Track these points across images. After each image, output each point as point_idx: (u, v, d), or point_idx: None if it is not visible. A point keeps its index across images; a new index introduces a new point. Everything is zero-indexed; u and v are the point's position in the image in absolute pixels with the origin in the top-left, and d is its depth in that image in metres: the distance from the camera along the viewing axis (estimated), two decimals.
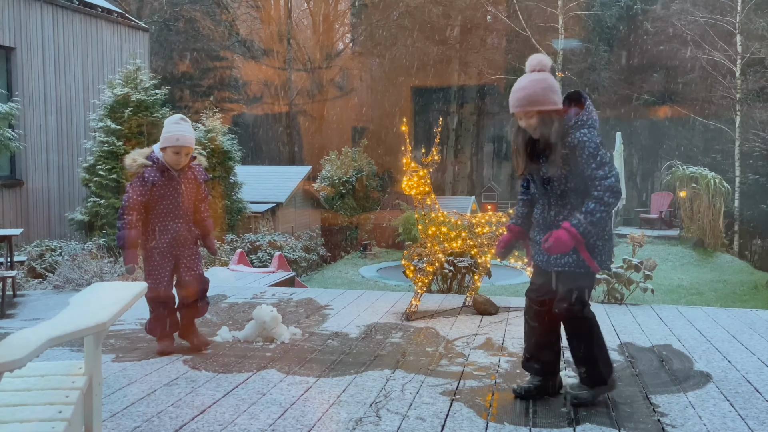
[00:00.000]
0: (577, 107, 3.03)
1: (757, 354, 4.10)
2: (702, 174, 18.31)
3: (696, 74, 25.98)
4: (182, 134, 3.89)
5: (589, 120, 2.94)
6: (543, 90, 2.95)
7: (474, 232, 5.26)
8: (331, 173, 23.16)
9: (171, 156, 3.92)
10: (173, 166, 3.95)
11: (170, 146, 3.89)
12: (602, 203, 2.85)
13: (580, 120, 2.94)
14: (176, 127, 3.92)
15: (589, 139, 2.88)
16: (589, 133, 2.89)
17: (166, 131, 3.92)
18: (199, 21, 29.52)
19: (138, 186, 3.88)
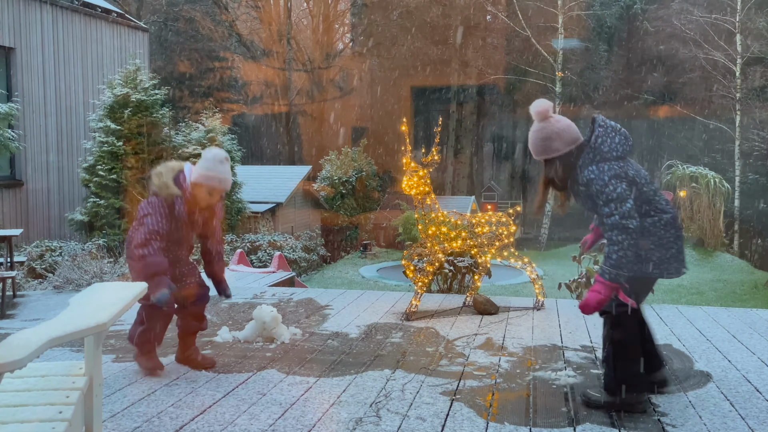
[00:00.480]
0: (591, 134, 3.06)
1: (758, 353, 4.10)
2: (702, 173, 18.32)
3: (696, 74, 26.00)
4: (225, 177, 3.54)
5: (597, 155, 2.96)
6: (542, 141, 3.07)
7: (474, 232, 5.26)
8: (331, 173, 23.18)
9: (204, 194, 3.55)
10: (200, 203, 3.59)
11: (208, 185, 3.52)
12: (612, 242, 2.87)
13: (587, 158, 2.97)
14: (221, 167, 3.53)
15: (595, 177, 2.91)
16: (597, 169, 2.92)
17: (208, 168, 3.51)
18: (199, 21, 29.54)
19: (164, 214, 3.47)
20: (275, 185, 19.76)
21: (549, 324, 4.93)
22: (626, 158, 3.00)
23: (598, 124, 3.05)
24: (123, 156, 11.15)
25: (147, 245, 3.35)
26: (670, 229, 2.96)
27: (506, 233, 5.38)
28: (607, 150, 2.96)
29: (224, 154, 3.61)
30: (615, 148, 2.97)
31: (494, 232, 5.31)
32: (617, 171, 2.90)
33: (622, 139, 3.00)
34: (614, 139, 2.98)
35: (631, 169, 2.97)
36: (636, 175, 2.95)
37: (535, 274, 5.59)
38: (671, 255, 2.96)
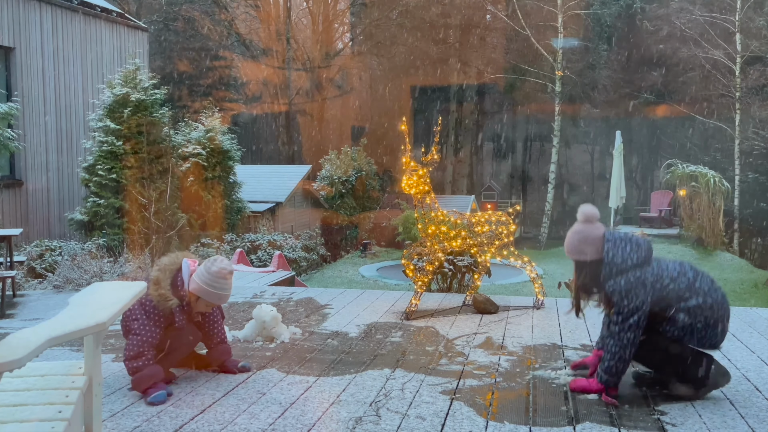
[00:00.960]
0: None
1: (757, 352, 4.10)
2: (702, 172, 18.31)
3: (695, 72, 25.99)
4: (226, 294, 3.41)
5: (614, 268, 3.12)
6: (578, 242, 3.23)
7: (474, 231, 5.26)
8: (331, 173, 23.17)
9: (202, 306, 3.44)
10: (197, 311, 3.49)
11: (206, 300, 3.40)
12: (608, 350, 3.13)
13: (606, 272, 3.13)
14: (223, 284, 3.38)
15: (614, 290, 3.10)
16: (614, 283, 3.09)
17: (209, 284, 3.35)
18: (198, 20, 29.52)
19: (160, 324, 3.31)
20: (275, 185, 19.75)
21: (549, 323, 4.93)
22: (644, 265, 3.11)
23: (606, 238, 3.18)
24: (123, 155, 11.15)
25: (140, 357, 3.22)
26: (717, 311, 3.09)
27: (506, 232, 5.38)
28: (621, 262, 3.10)
29: (228, 269, 3.41)
30: (629, 257, 3.11)
31: (494, 231, 5.31)
32: (633, 282, 3.05)
33: (634, 246, 3.15)
34: (625, 250, 3.13)
35: (651, 275, 3.09)
36: (657, 280, 3.08)
37: (535, 273, 5.59)
38: (718, 332, 3.12)
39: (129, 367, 3.26)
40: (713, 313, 3.08)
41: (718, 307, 3.10)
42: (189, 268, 3.43)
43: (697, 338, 3.10)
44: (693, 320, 3.07)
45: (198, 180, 13.51)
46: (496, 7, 29.15)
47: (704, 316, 3.07)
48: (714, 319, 3.09)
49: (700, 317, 3.07)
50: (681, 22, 24.53)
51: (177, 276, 3.39)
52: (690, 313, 3.08)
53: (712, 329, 3.09)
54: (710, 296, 3.10)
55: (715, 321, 3.09)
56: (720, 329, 3.12)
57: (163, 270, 3.37)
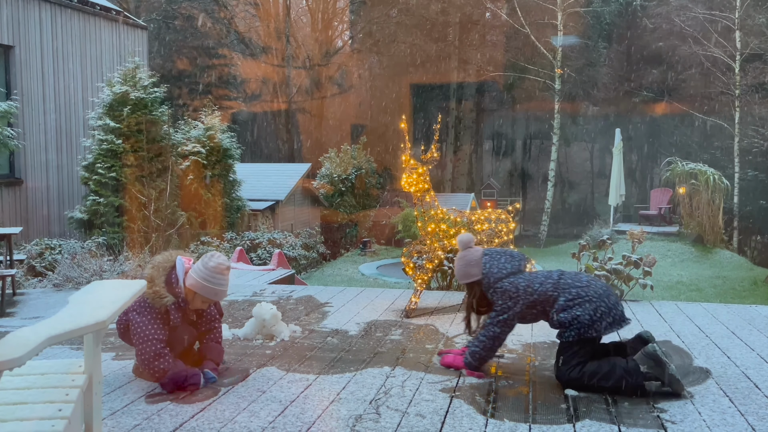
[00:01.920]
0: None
1: (757, 350, 4.11)
2: (701, 170, 18.29)
3: (695, 70, 25.97)
4: (222, 290, 3.41)
5: (491, 278, 3.54)
6: (464, 267, 3.66)
7: (473, 229, 5.26)
8: (331, 171, 23.17)
9: (197, 302, 3.43)
10: (193, 308, 3.48)
11: (202, 296, 3.39)
12: (479, 338, 3.55)
13: (486, 284, 3.57)
14: (220, 279, 3.37)
15: (493, 296, 3.54)
16: (494, 291, 3.53)
17: (206, 279, 3.34)
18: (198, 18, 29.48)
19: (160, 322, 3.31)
20: (274, 183, 19.75)
21: None
22: (517, 273, 3.54)
23: (485, 253, 3.66)
24: (122, 154, 11.14)
25: (160, 357, 3.24)
26: (588, 293, 3.37)
27: (506, 230, 5.38)
28: (497, 271, 3.54)
29: (226, 265, 3.40)
30: (504, 267, 3.55)
31: (494, 229, 5.32)
32: (508, 288, 3.48)
33: (508, 258, 3.61)
34: (500, 261, 3.59)
35: (523, 281, 3.49)
36: (528, 284, 3.47)
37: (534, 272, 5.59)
38: (601, 315, 3.32)
39: (153, 371, 3.25)
40: (588, 299, 3.33)
41: (588, 288, 3.39)
42: (183, 265, 3.42)
43: (595, 327, 3.29)
44: (575, 314, 3.31)
45: (197, 178, 13.51)
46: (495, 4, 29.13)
47: (582, 306, 3.32)
48: (591, 301, 3.33)
49: (578, 308, 3.32)
50: (681, 20, 24.51)
51: (171, 273, 3.38)
52: (567, 310, 3.35)
53: (598, 311, 3.31)
54: (574, 287, 3.40)
55: (594, 303, 3.32)
56: (604, 309, 3.32)
57: (157, 268, 3.37)
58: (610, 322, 3.33)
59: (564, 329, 3.36)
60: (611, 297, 3.40)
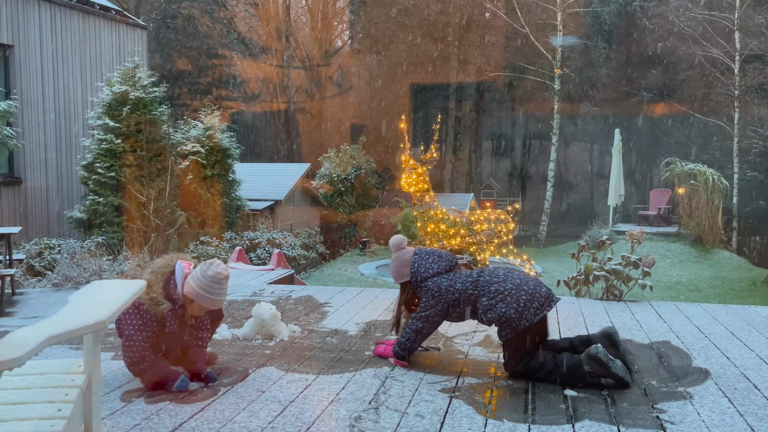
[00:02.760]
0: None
1: (756, 350, 4.11)
2: (700, 171, 18.30)
3: (694, 71, 25.98)
4: (220, 299, 3.36)
5: (419, 276, 3.70)
6: (397, 267, 3.82)
7: (473, 230, 5.27)
8: (330, 171, 23.16)
9: (196, 310, 3.39)
10: (191, 314, 3.44)
11: (200, 304, 3.34)
12: (407, 331, 3.71)
13: (415, 282, 3.73)
14: (218, 289, 3.32)
15: (421, 293, 3.71)
16: (420, 290, 3.70)
17: (204, 288, 3.28)
18: (198, 18, 29.47)
19: (154, 328, 3.31)
20: (274, 183, 19.74)
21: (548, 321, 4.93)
22: (442, 273, 3.67)
23: (414, 252, 3.80)
24: (122, 153, 11.13)
25: (142, 361, 3.25)
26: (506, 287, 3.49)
27: (505, 230, 5.39)
28: (423, 271, 3.69)
29: (225, 273, 3.34)
30: (431, 267, 3.70)
31: (493, 230, 5.32)
32: (431, 286, 3.63)
33: (435, 258, 3.74)
34: (428, 261, 3.73)
35: (446, 281, 3.62)
36: (450, 284, 3.61)
37: (534, 272, 5.60)
38: (524, 303, 3.43)
39: (135, 372, 3.30)
40: (507, 292, 3.46)
41: (504, 282, 3.50)
42: (183, 270, 3.37)
43: (525, 317, 3.41)
44: (501, 311, 3.43)
45: (197, 178, 13.51)
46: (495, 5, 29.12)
47: (504, 302, 3.44)
48: (511, 294, 3.45)
49: (501, 305, 3.44)
50: (680, 20, 24.52)
51: (170, 279, 3.35)
52: (492, 309, 3.47)
53: (521, 301, 3.42)
54: (493, 284, 3.52)
55: (514, 295, 3.44)
56: (526, 297, 3.44)
57: (155, 273, 3.34)
58: (537, 306, 3.44)
59: (498, 328, 3.49)
60: (529, 283, 3.51)
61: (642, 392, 3.30)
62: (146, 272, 3.39)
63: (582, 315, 5.16)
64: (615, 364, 3.32)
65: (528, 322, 3.41)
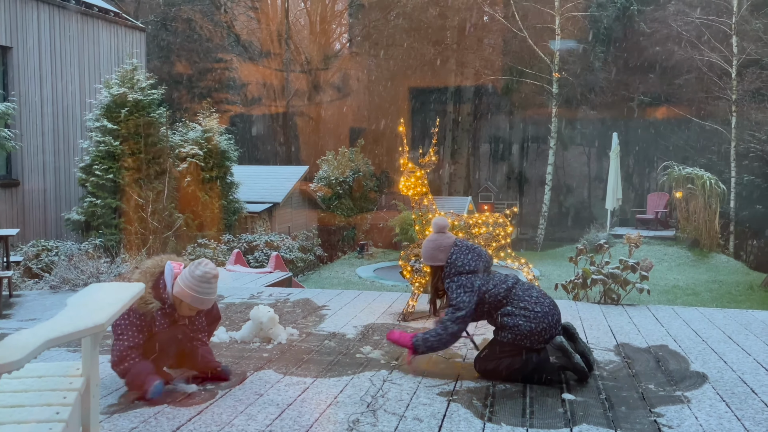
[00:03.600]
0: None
1: (753, 354, 4.12)
2: (698, 175, 18.34)
3: (692, 75, 26.04)
4: (209, 299, 3.34)
5: (453, 269, 3.69)
6: (432, 249, 3.80)
7: (471, 233, 5.27)
8: (328, 173, 23.16)
9: (186, 310, 3.37)
10: (181, 314, 3.42)
11: (189, 304, 3.33)
12: (437, 331, 3.57)
13: (447, 272, 3.72)
14: (207, 288, 3.30)
15: (450, 287, 3.67)
16: (451, 281, 3.67)
17: (192, 288, 3.27)
18: (197, 21, 29.48)
19: (140, 328, 3.31)
20: (272, 185, 19.73)
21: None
22: (477, 272, 3.65)
23: (455, 244, 3.78)
24: (120, 156, 11.12)
25: (124, 360, 3.25)
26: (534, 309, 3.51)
27: (503, 234, 5.39)
28: (460, 265, 3.67)
29: (213, 273, 3.30)
30: (468, 263, 3.67)
31: (491, 233, 5.32)
32: (464, 282, 3.61)
33: (475, 255, 3.71)
34: (467, 256, 3.70)
35: (480, 280, 3.62)
36: (483, 284, 3.61)
37: (532, 275, 5.60)
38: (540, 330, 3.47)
39: (117, 371, 3.30)
40: (533, 315, 3.48)
41: (536, 304, 3.52)
42: (172, 271, 3.38)
43: (531, 340, 3.46)
44: (518, 322, 3.47)
45: (195, 180, 13.50)
46: (493, 8, 29.17)
47: (526, 318, 3.47)
48: (537, 319, 3.47)
49: (521, 318, 3.48)
50: (677, 25, 24.58)
51: (159, 279, 3.36)
52: (511, 316, 3.50)
53: (539, 328, 3.46)
54: (524, 300, 3.54)
55: (537, 321, 3.47)
56: (545, 327, 3.47)
57: (144, 273, 3.35)
58: (545, 338, 3.50)
59: (502, 330, 3.54)
60: (554, 316, 3.54)
61: (640, 396, 3.31)
62: (135, 273, 3.41)
63: (580, 319, 5.17)
64: (575, 356, 3.47)
65: (530, 345, 3.47)
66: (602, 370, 3.76)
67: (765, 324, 5.02)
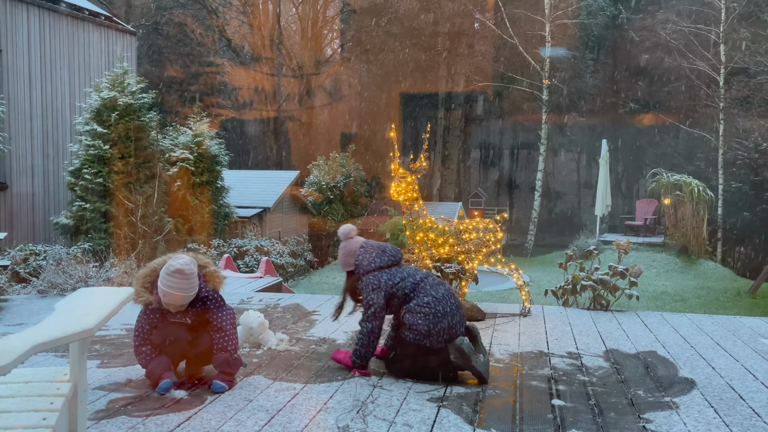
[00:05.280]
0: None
1: (741, 360, 4.15)
2: (686, 182, 18.48)
3: (680, 83, 26.31)
4: (174, 294, 3.30)
5: (362, 269, 3.81)
6: (344, 256, 3.92)
7: (461, 239, 5.28)
8: (319, 178, 23.14)
9: (163, 303, 3.40)
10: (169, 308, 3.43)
11: (162, 298, 3.37)
12: (357, 337, 3.75)
13: (358, 274, 3.84)
14: (169, 281, 3.30)
15: (362, 287, 3.80)
16: (362, 282, 3.79)
17: (162, 283, 3.32)
18: (188, 25, 29.43)
19: (145, 320, 3.46)
20: (263, 190, 19.69)
21: (535, 330, 4.95)
22: (383, 269, 3.77)
23: (362, 246, 3.90)
24: (109, 159, 11.07)
25: (138, 353, 3.48)
26: (436, 308, 3.60)
27: (493, 240, 5.41)
28: (366, 264, 3.80)
29: (175, 266, 3.28)
30: (373, 261, 3.79)
31: (481, 239, 5.34)
32: (371, 281, 3.73)
33: (380, 253, 3.84)
34: (372, 255, 3.82)
35: (387, 276, 3.73)
36: (389, 280, 3.72)
37: (522, 281, 5.62)
38: (439, 330, 3.56)
39: (138, 361, 3.51)
40: (434, 312, 3.57)
41: (438, 302, 3.61)
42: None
43: (430, 340, 3.56)
44: (416, 320, 3.57)
45: (185, 185, 13.45)
46: (484, 15, 29.33)
47: (426, 316, 3.57)
48: (436, 316, 3.57)
49: (421, 317, 3.57)
50: (666, 33, 24.82)
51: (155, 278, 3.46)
52: (413, 313, 3.60)
53: (437, 327, 3.56)
54: (429, 295, 3.64)
55: (437, 319, 3.56)
56: (444, 327, 3.57)
57: (147, 268, 3.51)
58: (445, 338, 3.57)
59: (405, 328, 3.65)
60: (454, 317, 3.63)
61: (629, 402, 3.32)
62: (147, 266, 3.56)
63: (569, 325, 5.19)
64: (477, 358, 3.54)
65: (430, 344, 3.57)
66: (591, 376, 3.77)
67: (752, 330, 5.06)
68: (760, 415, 3.17)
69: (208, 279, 3.58)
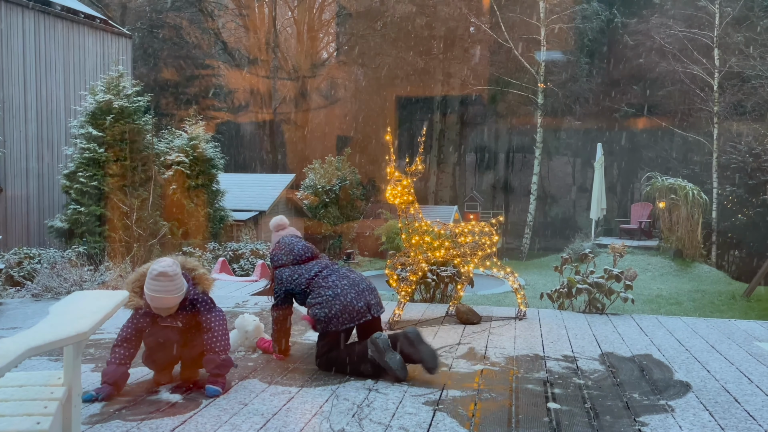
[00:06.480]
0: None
1: (736, 364, 4.16)
2: (681, 185, 18.55)
3: (675, 87, 26.39)
4: (157, 297, 3.31)
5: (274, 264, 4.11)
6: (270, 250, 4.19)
7: (457, 242, 5.29)
8: (315, 182, 23.13)
9: (153, 309, 3.42)
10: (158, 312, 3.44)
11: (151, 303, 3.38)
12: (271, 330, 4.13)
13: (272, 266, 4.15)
14: (152, 284, 3.32)
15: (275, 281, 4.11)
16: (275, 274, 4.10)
17: (146, 286, 3.35)
18: (184, 29, 29.41)
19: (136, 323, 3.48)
20: (258, 193, 19.67)
21: (531, 333, 4.96)
22: (286, 265, 4.03)
23: (278, 242, 4.19)
24: (104, 163, 11.04)
25: (112, 352, 3.45)
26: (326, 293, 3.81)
27: (489, 243, 5.41)
28: (275, 260, 4.10)
29: (158, 270, 3.29)
30: (280, 258, 4.08)
31: (477, 242, 5.34)
32: (277, 275, 4.04)
33: (287, 250, 4.08)
34: (281, 252, 4.09)
35: (289, 272, 3.99)
36: (289, 276, 3.98)
37: (518, 284, 5.62)
38: (335, 313, 3.74)
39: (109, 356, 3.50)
40: (326, 299, 3.77)
41: (328, 288, 3.82)
42: None
43: (333, 324, 3.73)
44: (315, 311, 3.78)
45: (181, 188, 13.42)
46: (479, 19, 29.41)
47: (320, 305, 3.77)
48: (328, 302, 3.76)
49: (317, 308, 3.77)
50: (661, 37, 24.92)
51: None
52: (311, 307, 3.81)
53: (333, 310, 3.74)
54: (321, 286, 3.85)
55: (329, 304, 3.75)
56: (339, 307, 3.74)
57: (137, 272, 3.52)
58: (347, 318, 3.74)
59: (313, 322, 3.86)
60: (349, 294, 3.80)
61: (624, 405, 3.32)
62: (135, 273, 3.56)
63: (565, 328, 5.19)
64: (393, 356, 3.63)
65: (335, 328, 3.75)
66: (587, 379, 3.78)
67: (747, 333, 5.07)
68: (755, 418, 3.18)
69: (197, 282, 3.58)
